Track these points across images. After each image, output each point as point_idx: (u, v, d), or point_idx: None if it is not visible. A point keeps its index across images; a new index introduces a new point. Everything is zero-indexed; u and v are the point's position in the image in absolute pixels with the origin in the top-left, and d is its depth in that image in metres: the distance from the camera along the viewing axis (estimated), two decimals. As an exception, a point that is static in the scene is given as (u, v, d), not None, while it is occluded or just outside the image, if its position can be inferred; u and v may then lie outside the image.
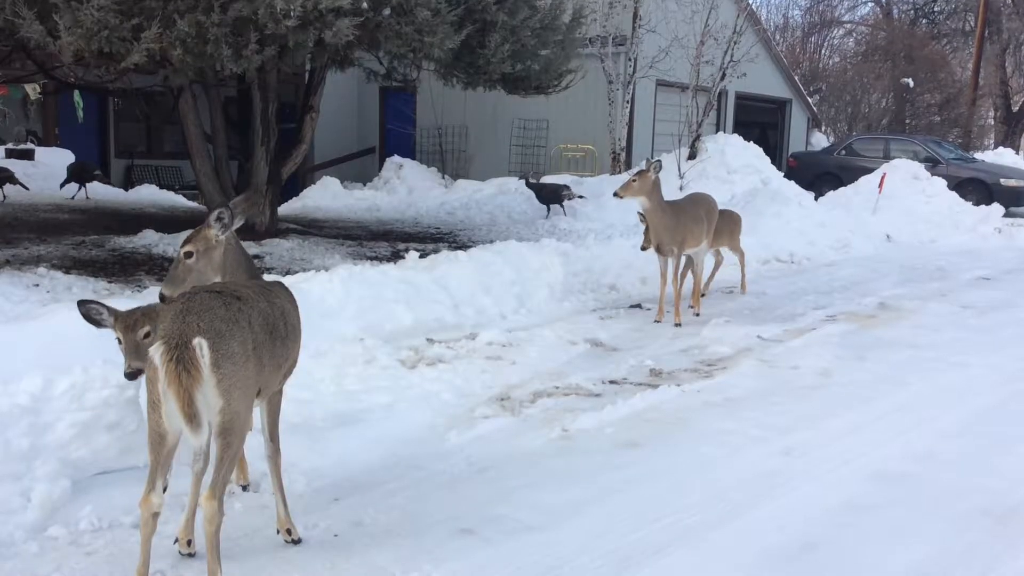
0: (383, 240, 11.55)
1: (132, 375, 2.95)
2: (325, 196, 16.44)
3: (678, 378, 5.73)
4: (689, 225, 7.32)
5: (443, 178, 18.54)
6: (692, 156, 15.58)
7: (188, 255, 3.38)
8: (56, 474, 3.49)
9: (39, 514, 3.34)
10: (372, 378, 5.34)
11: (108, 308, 3.02)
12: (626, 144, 16.50)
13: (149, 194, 15.40)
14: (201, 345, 2.61)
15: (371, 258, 9.68)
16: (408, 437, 4.48)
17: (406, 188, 17.25)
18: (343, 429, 4.45)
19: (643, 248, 7.16)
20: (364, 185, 18.89)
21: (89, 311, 3.01)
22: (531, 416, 4.91)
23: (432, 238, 12.18)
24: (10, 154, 14.42)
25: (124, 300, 4.78)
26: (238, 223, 3.48)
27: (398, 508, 3.64)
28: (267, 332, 2.98)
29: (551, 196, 13.38)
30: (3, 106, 12.81)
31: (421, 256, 7.90)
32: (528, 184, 13.67)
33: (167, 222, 11.27)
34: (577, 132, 18.38)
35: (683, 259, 7.57)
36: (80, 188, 13.61)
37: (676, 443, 4.49)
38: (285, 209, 14.54)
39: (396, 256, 9.74)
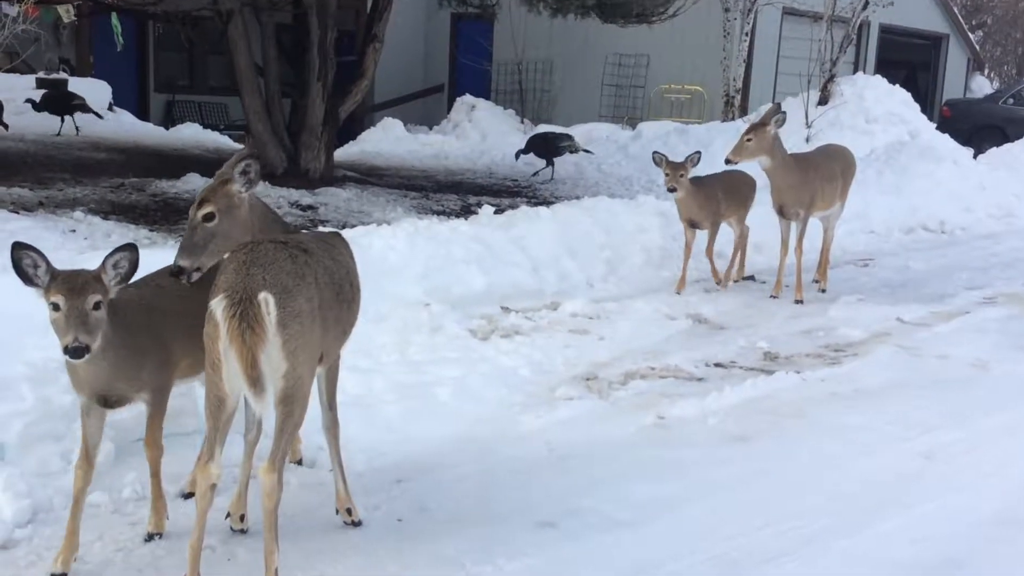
0: (452, 192, 11.71)
1: (78, 351, 2.72)
2: (386, 140, 16.72)
3: (798, 364, 5.68)
4: (819, 183, 7.17)
5: (522, 122, 18.56)
6: (823, 101, 15.12)
7: (208, 217, 3.32)
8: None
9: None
10: (439, 348, 5.49)
11: (48, 262, 2.78)
12: (742, 85, 16.14)
13: (192, 134, 15.97)
14: (267, 301, 2.73)
15: (438, 212, 9.85)
16: (479, 416, 4.60)
17: (479, 133, 17.38)
18: (406, 403, 4.61)
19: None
20: (430, 129, 19.10)
21: (22, 259, 2.75)
22: (621, 400, 4.96)
23: (508, 191, 12.27)
24: (41, 84, 15.15)
25: (168, 252, 5.03)
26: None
27: (468, 494, 3.77)
28: (333, 292, 3.10)
29: (546, 148, 13.20)
30: (35, 29, 13.45)
31: (496, 212, 8.01)
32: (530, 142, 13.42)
33: (213, 165, 11.63)
34: (683, 70, 18.08)
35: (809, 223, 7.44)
36: (63, 121, 13.70)
37: (793, 438, 4.47)
38: (341, 154, 14.84)
39: (467, 211, 9.88)
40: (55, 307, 2.79)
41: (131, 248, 2.93)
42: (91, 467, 3.07)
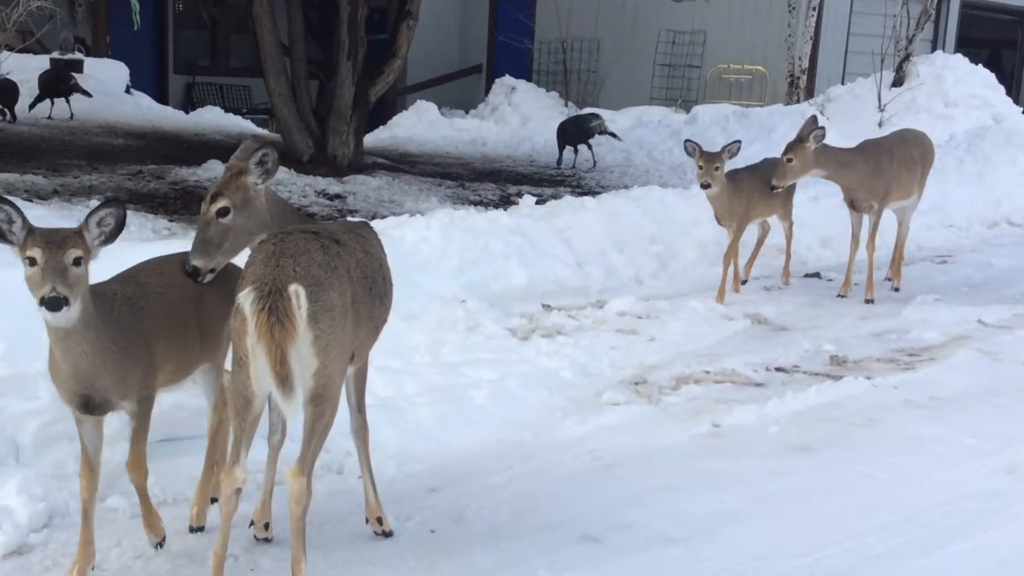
0: (489, 181, 11.75)
1: (55, 301, 2.70)
2: (419, 125, 16.83)
3: (868, 369, 5.64)
4: (896, 171, 7.08)
5: (565, 105, 18.54)
6: (898, 82, 14.92)
7: (222, 212, 3.35)
8: (115, 436, 3.81)
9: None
10: (476, 348, 5.52)
11: (24, 217, 2.80)
12: (808, 65, 15.98)
13: (213, 118, 16.21)
14: (298, 293, 2.77)
15: (475, 202, 9.90)
16: (519, 421, 4.63)
17: (519, 117, 17.42)
18: (440, 407, 4.65)
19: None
20: (467, 112, 19.17)
21: None
22: (673, 405, 4.97)
23: (551, 180, 12.28)
24: (56, 65, 15.47)
25: (187, 243, 5.11)
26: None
27: (506, 504, 3.80)
28: (366, 286, 3.14)
29: (577, 131, 13.18)
30: (50, 6, 13.72)
31: (538, 202, 8.02)
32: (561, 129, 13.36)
33: (233, 151, 11.87)
34: (743, 48, 17.91)
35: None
36: (52, 104, 13.73)
37: (862, 450, 4.44)
38: (371, 140, 14.95)
39: (506, 201, 9.90)
40: (31, 261, 2.74)
41: (116, 204, 2.91)
42: (95, 475, 3.11)
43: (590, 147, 13.28)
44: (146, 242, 6.02)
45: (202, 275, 3.33)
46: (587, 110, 16.37)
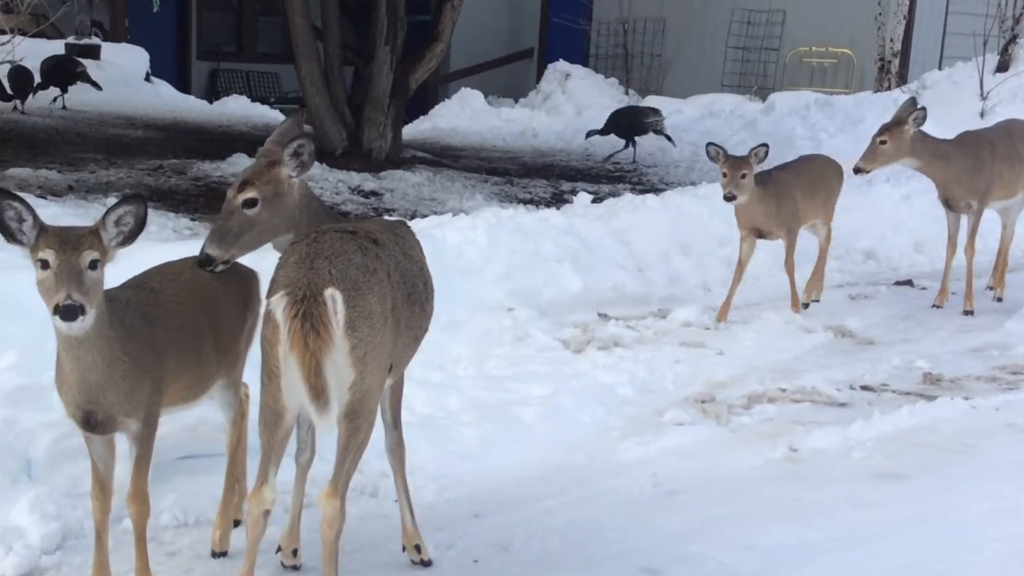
0: (541, 177, 11.79)
1: (70, 310, 2.71)
2: (463, 115, 16.94)
3: (966, 388, 5.61)
4: (998, 167, 6.99)
5: (626, 93, 18.55)
6: (1003, 67, 14.66)
7: (249, 203, 3.43)
8: (130, 453, 3.91)
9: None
10: (524, 361, 5.57)
11: (36, 215, 2.80)
12: (901, 47, 15.80)
13: (239, 108, 16.51)
14: (335, 298, 2.83)
15: (525, 201, 9.94)
16: (572, 442, 4.66)
17: (574, 106, 17.47)
18: (485, 425, 4.69)
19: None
20: (516, 101, 19.25)
21: (3, 211, 2.78)
22: (744, 426, 4.97)
23: (609, 176, 12.28)
24: (71, 50, 15.84)
25: None
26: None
27: (556, 533, 3.82)
28: (405, 292, 3.20)
29: (630, 125, 13.16)
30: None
31: (594, 200, 8.04)
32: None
33: (262, 144, 12.04)
34: (827, 29, 17.76)
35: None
36: (61, 95, 13.97)
37: (960, 478, 4.41)
38: (410, 131, 15.07)
39: (559, 199, 9.92)
40: (43, 264, 2.76)
41: (137, 200, 2.92)
42: (107, 496, 3.18)
43: (633, 144, 13.27)
44: (166, 242, 6.16)
45: (214, 265, 3.41)
46: (649, 100, 16.37)
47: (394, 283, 3.10)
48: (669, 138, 13.58)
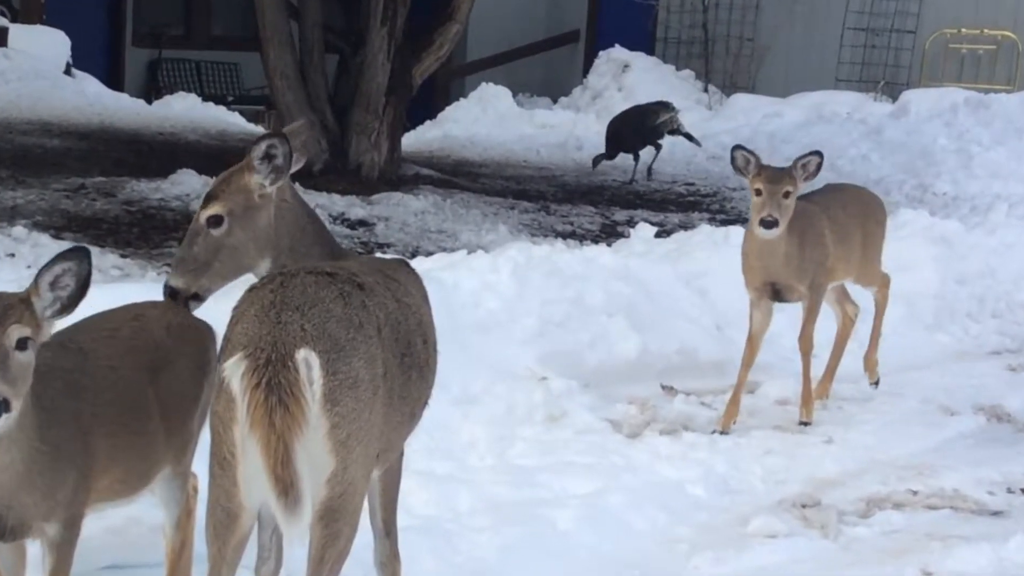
0: (587, 203, 11.88)
1: None
2: (484, 119, 16.97)
3: None
4: None
5: (705, 90, 18.63)
6: None
7: (215, 221, 3.59)
8: (44, 563, 4.02)
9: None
10: (560, 447, 5.62)
11: None
12: (1079, 29, 15.82)
13: (186, 109, 16.55)
14: (309, 363, 2.90)
15: (564, 234, 10.04)
16: (623, 557, 4.69)
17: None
18: (508, 532, 4.74)
19: None
20: (555, 101, 19.35)
21: None
22: (861, 540, 4.98)
23: (678, 202, 12.35)
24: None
25: (143, 289, 5.30)
26: (297, 166, 3.75)
27: None
28: (399, 353, 3.28)
29: (637, 132, 13.29)
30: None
31: (658, 234, 8.14)
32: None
33: (216, 158, 12.06)
34: (982, 4, 17.77)
35: None
36: None
37: None
38: (412, 141, 15.16)
39: (611, 232, 10.04)
40: None
41: (79, 256, 3.00)
42: None
43: (658, 148, 13.38)
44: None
45: (180, 300, 3.58)
46: (736, 99, 16.44)
47: (385, 341, 3.18)
48: (691, 138, 13.63)
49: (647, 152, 13.51)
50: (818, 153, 6.23)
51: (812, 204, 6.51)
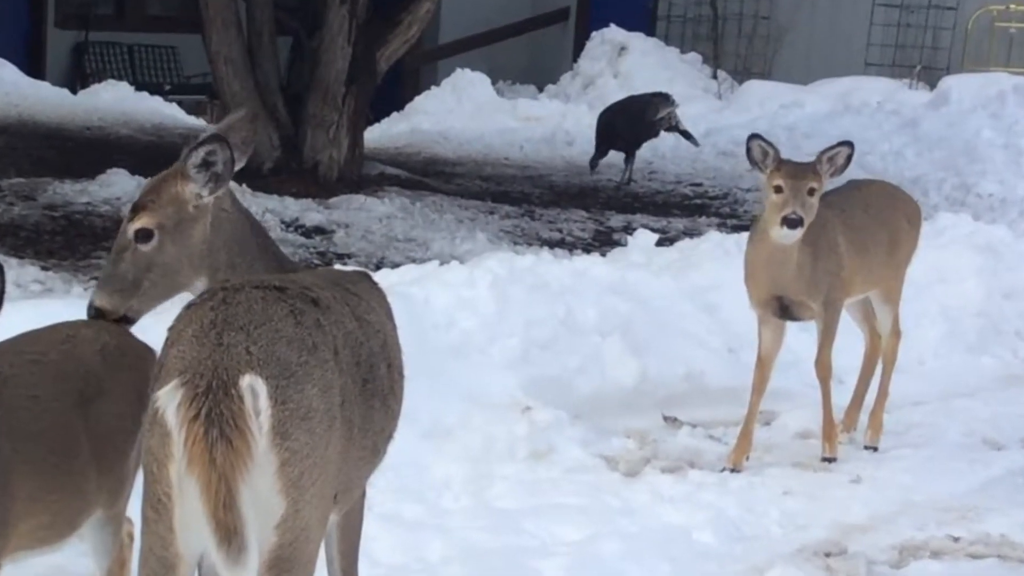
0: (578, 206, 11.89)
1: None
2: (459, 111, 16.98)
3: None
4: None
5: (714, 76, 18.67)
6: None
7: (143, 235, 3.59)
8: None
9: None
10: (548, 488, 5.60)
11: None
12: None
13: (117, 99, 16.54)
14: (255, 391, 2.89)
15: (552, 242, 10.03)
16: (621, 616, 4.71)
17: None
18: (486, 587, 4.75)
19: None
20: (541, 90, 19.40)
21: None
22: (893, 595, 4.98)
23: (682, 205, 12.37)
24: None
25: (68, 306, 5.28)
26: (238, 166, 3.72)
27: None
28: (359, 379, 3.28)
29: (633, 128, 13.39)
30: None
31: (660, 242, 8.14)
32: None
33: (151, 155, 12.07)
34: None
35: None
36: None
37: None
38: (378, 136, 15.21)
39: (606, 240, 10.05)
40: None
41: None
42: None
43: (630, 158, 13.44)
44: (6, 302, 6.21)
45: (111, 318, 3.58)
46: (750, 86, 16.48)
47: (344, 365, 3.17)
48: (688, 136, 13.65)
49: (644, 148, 13.57)
50: (848, 144, 6.23)
51: (825, 206, 6.36)
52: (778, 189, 5.96)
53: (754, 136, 6.15)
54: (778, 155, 6.08)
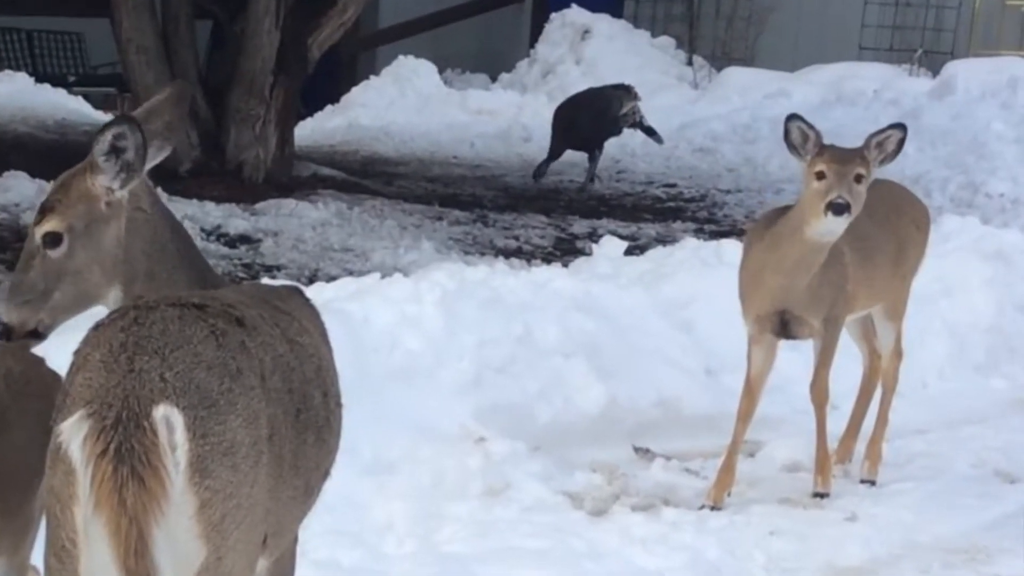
0: (537, 210, 11.99)
1: None
2: (401, 103, 17.01)
3: None
4: None
5: (689, 63, 18.80)
6: None
7: (51, 240, 3.60)
8: None
9: None
10: (504, 529, 5.62)
11: None
12: None
13: (15, 92, 16.58)
14: (171, 423, 2.90)
15: (508, 251, 10.08)
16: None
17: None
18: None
19: None
20: (493, 79, 19.52)
21: None
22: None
23: (653, 208, 12.45)
24: None
25: None
26: (159, 157, 3.73)
27: None
28: (292, 409, 3.30)
29: (593, 121, 13.54)
30: None
31: (629, 251, 8.21)
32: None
33: (55, 156, 12.07)
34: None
35: None
36: None
37: None
38: (310, 131, 15.26)
39: (568, 248, 10.14)
40: None
41: None
42: None
43: (593, 157, 13.51)
44: None
45: (15, 336, 3.59)
46: (730, 73, 16.54)
47: (272, 393, 3.19)
48: (652, 132, 13.72)
49: (612, 145, 13.62)
50: (900, 127, 6.32)
51: None
52: (820, 175, 6.01)
53: (793, 116, 6.20)
54: (820, 139, 6.14)
